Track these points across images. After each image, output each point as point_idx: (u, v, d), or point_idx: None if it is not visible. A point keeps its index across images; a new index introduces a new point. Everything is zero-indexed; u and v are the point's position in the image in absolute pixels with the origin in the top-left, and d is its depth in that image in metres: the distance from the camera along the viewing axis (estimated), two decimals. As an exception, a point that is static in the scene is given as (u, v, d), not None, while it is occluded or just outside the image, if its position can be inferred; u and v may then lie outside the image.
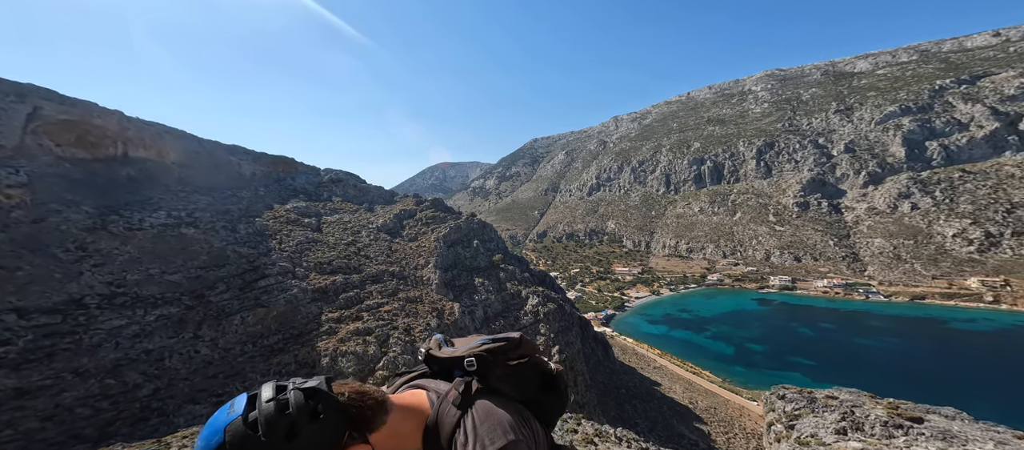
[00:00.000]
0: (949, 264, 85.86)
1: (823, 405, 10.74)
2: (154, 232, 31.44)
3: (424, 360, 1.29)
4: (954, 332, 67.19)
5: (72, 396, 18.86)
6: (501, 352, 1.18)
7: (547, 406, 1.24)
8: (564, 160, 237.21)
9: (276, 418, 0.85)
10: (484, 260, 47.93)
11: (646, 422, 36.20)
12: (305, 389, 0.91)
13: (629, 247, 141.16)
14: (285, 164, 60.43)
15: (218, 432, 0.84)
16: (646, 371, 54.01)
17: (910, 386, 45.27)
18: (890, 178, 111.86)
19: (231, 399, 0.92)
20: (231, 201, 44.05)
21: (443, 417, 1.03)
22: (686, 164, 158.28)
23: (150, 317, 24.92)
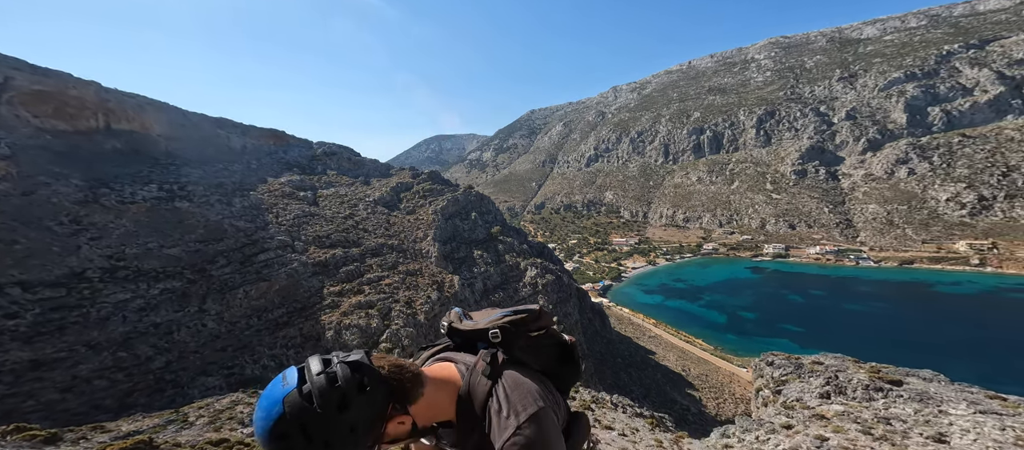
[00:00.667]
0: (940, 228, 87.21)
1: (809, 370, 11.07)
2: (148, 205, 31.10)
3: (446, 333, 1.33)
4: (938, 295, 69.02)
5: (88, 368, 19.20)
6: (523, 324, 1.24)
7: (563, 376, 1.32)
8: (562, 131, 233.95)
9: (328, 390, 0.90)
10: (482, 232, 47.99)
11: (640, 389, 37.54)
12: (350, 363, 0.96)
13: (627, 218, 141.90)
14: (276, 137, 59.45)
15: (277, 403, 0.89)
16: (641, 340, 55.62)
17: (893, 350, 46.50)
18: (889, 144, 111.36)
19: (282, 372, 0.96)
20: (223, 174, 43.59)
21: (475, 387, 1.08)
22: (685, 134, 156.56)
23: (154, 291, 25.05)
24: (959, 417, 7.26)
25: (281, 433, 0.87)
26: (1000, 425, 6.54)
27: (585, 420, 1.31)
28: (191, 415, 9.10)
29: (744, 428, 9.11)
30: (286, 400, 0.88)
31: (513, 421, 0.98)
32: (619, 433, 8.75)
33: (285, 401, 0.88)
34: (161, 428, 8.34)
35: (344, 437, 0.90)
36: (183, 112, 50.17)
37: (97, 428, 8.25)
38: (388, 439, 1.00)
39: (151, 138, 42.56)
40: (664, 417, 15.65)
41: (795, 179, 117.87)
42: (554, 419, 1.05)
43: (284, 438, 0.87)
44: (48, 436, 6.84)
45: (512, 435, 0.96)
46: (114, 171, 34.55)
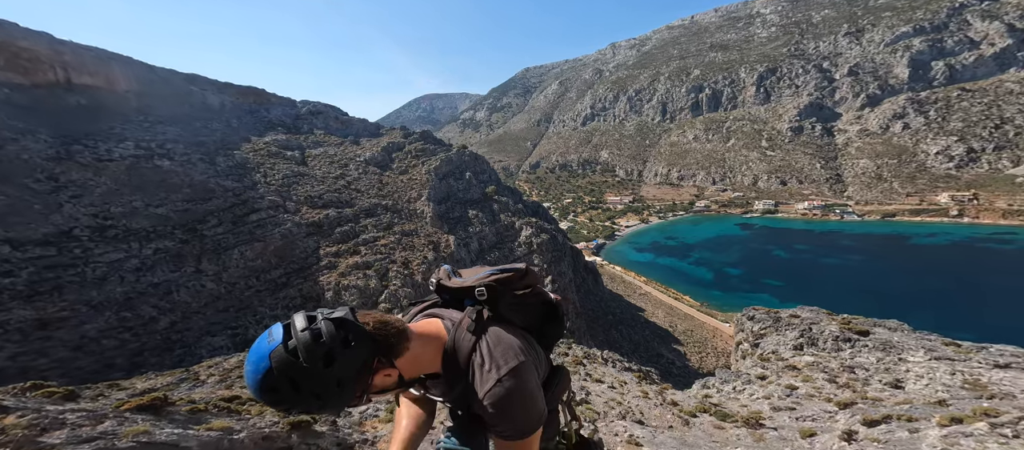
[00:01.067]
0: (926, 181, 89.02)
1: (786, 323, 11.72)
2: (126, 163, 30.20)
3: (435, 290, 1.36)
4: (913, 247, 71.74)
5: (94, 328, 19.65)
6: (509, 282, 1.27)
7: (547, 333, 1.37)
8: (557, 90, 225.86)
9: (313, 346, 0.93)
10: (477, 192, 47.74)
11: (630, 345, 39.52)
12: (334, 319, 0.99)
13: (622, 177, 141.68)
14: (256, 95, 56.76)
15: (264, 358, 0.92)
16: (632, 298, 57.81)
17: (867, 301, 48.86)
18: (888, 100, 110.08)
19: (268, 328, 0.99)
20: (203, 133, 42.12)
21: (460, 342, 1.12)
22: (684, 92, 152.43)
23: (147, 251, 25.04)
24: (916, 364, 7.92)
25: (270, 386, 0.91)
26: (951, 370, 7.18)
27: (566, 373, 1.40)
28: (202, 374, 9.54)
29: (723, 380, 9.89)
30: (272, 355, 0.91)
31: (494, 374, 1.03)
32: (608, 386, 9.47)
33: (272, 356, 0.91)
34: (174, 386, 8.79)
35: (331, 390, 0.95)
36: (150, 67, 47.30)
37: (113, 386, 8.66)
38: (376, 390, 1.05)
39: (119, 94, 40.49)
40: (651, 371, 16.76)
41: (791, 136, 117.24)
42: (534, 372, 1.11)
43: (274, 391, 0.92)
44: (66, 393, 7.14)
45: (493, 386, 1.02)
46: (83, 127, 33.12)
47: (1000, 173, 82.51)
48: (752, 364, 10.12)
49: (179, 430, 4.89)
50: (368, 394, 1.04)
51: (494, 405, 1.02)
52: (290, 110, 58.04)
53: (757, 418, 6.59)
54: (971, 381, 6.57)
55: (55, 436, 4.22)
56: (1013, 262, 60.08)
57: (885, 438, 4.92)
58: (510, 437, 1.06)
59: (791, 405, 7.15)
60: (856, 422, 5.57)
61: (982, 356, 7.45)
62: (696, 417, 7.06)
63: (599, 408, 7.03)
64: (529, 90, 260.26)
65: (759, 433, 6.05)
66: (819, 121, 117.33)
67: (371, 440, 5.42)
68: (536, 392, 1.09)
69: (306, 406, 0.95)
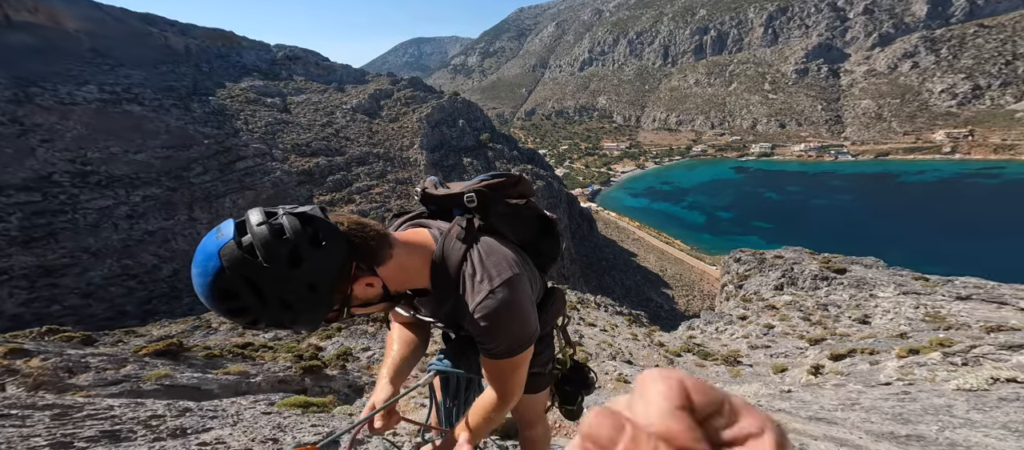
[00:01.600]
0: (925, 120, 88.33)
1: (770, 264, 12.17)
2: (93, 108, 28.70)
3: (421, 200, 1.23)
4: (901, 185, 72.85)
5: (99, 275, 19.99)
6: (500, 188, 1.14)
7: (543, 251, 1.23)
8: (554, 33, 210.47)
9: (273, 242, 0.76)
10: (471, 140, 46.49)
11: (621, 290, 41.08)
12: (298, 213, 0.82)
13: (619, 122, 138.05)
14: (225, 38, 52.41)
15: (212, 257, 0.75)
16: (625, 243, 59.19)
17: (847, 239, 49.31)
18: (901, 38, 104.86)
19: (216, 225, 0.80)
20: (171, 77, 39.66)
21: (449, 252, 1.00)
22: (688, 34, 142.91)
23: (135, 198, 24.79)
24: (884, 299, 8.48)
25: (224, 290, 0.75)
26: (916, 304, 7.72)
27: (561, 295, 1.29)
28: (214, 322, 9.95)
29: (707, 321, 10.54)
30: (222, 252, 0.74)
31: (486, 285, 0.94)
32: (600, 329, 10.08)
33: (221, 253, 0.74)
34: (189, 333, 9.20)
35: (303, 295, 0.80)
36: (99, 5, 42.90)
37: (130, 333, 9.05)
38: (357, 302, 0.92)
39: (70, 34, 37.10)
40: (640, 314, 17.73)
41: (795, 78, 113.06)
42: (528, 287, 1.02)
43: (231, 296, 0.76)
44: (84, 338, 7.44)
45: (485, 298, 0.93)
46: (38, 69, 30.93)
47: (1002, 109, 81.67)
48: (735, 305, 10.75)
49: (199, 374, 5.21)
50: (349, 307, 0.91)
51: (485, 318, 0.93)
52: (264, 55, 54.01)
53: (735, 356, 7.16)
54: (932, 314, 7.10)
55: (81, 378, 4.49)
56: (994, 195, 61.75)
57: (848, 371, 5.43)
58: (499, 355, 0.97)
59: (767, 343, 7.74)
60: (824, 357, 6.09)
61: (946, 289, 7.96)
62: (680, 357, 7.64)
63: (591, 350, 7.56)
64: (524, 33, 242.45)
65: (736, 370, 6.62)
66: (826, 63, 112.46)
67: (380, 378, 5.83)
68: (529, 307, 1.00)
69: (274, 316, 0.80)
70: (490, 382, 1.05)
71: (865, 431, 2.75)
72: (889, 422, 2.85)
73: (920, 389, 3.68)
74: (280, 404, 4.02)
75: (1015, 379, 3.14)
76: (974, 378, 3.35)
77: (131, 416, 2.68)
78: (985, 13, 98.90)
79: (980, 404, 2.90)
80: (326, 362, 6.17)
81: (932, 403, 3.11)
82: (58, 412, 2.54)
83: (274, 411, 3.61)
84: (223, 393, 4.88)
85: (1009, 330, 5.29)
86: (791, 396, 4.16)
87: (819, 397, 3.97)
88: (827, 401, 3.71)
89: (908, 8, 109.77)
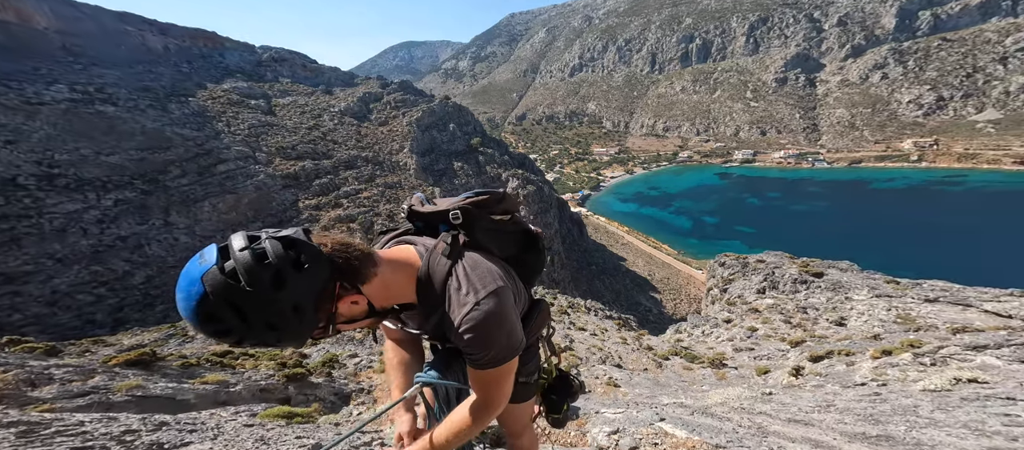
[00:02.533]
0: (894, 129, 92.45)
1: (753, 268, 12.49)
2: (62, 107, 27.63)
3: (407, 217, 1.26)
4: (872, 191, 75.78)
5: (64, 282, 19.06)
6: (485, 205, 1.16)
7: (528, 264, 1.28)
8: (545, 38, 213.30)
9: (256, 268, 0.78)
10: (462, 144, 46.41)
11: (611, 294, 41.46)
12: (281, 237, 0.84)
13: (608, 128, 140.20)
14: (207, 38, 51.29)
15: (195, 282, 0.76)
16: (615, 248, 59.79)
17: (823, 244, 50.72)
18: (871, 50, 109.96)
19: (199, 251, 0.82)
20: (148, 77, 38.60)
21: (434, 268, 1.03)
22: (675, 42, 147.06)
23: (107, 202, 23.81)
24: (859, 302, 8.78)
25: (209, 314, 0.77)
26: (888, 306, 8.02)
27: (545, 307, 1.33)
28: (190, 329, 9.59)
29: (693, 324, 10.71)
30: (205, 278, 0.76)
31: (471, 297, 0.96)
32: (590, 333, 10.14)
33: (204, 279, 0.76)
34: (163, 342, 8.84)
35: (288, 317, 0.82)
36: (71, 2, 41.63)
37: (98, 342, 8.64)
38: (343, 319, 0.94)
39: (40, 32, 35.83)
40: (629, 318, 17.92)
41: (775, 87, 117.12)
42: (512, 298, 1.04)
43: (214, 319, 0.77)
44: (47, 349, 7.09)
45: (470, 310, 0.95)
46: (4, 67, 29.77)
47: (963, 120, 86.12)
48: (720, 309, 10.97)
49: (173, 384, 5.02)
50: (334, 324, 0.93)
51: (470, 330, 0.95)
52: (249, 56, 53.01)
53: (721, 359, 7.29)
54: (903, 316, 7.40)
55: (45, 390, 4.27)
56: (958, 202, 64.91)
57: (826, 371, 5.60)
58: (485, 365, 0.99)
59: (751, 345, 7.92)
60: (804, 358, 6.27)
61: (916, 292, 8.31)
62: (668, 360, 7.74)
63: (582, 354, 7.59)
64: (515, 38, 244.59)
65: (722, 372, 6.74)
66: (803, 72, 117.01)
67: (367, 389, 5.73)
68: (514, 318, 1.03)
69: (259, 337, 0.82)
70: (476, 392, 1.06)
71: (839, 432, 2.84)
72: (861, 423, 2.95)
73: (891, 390, 3.82)
74: (263, 415, 3.91)
75: (976, 379, 3.30)
76: (938, 379, 3.50)
77: (103, 432, 2.58)
78: (948, 27, 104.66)
79: (944, 404, 3.03)
80: (311, 369, 6.03)
81: (900, 404, 3.23)
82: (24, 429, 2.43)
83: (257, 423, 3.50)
84: (201, 404, 4.71)
85: (974, 331, 5.55)
86: (772, 398, 4.26)
87: (798, 399, 4.08)
88: (805, 403, 3.82)
89: (878, 21, 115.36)
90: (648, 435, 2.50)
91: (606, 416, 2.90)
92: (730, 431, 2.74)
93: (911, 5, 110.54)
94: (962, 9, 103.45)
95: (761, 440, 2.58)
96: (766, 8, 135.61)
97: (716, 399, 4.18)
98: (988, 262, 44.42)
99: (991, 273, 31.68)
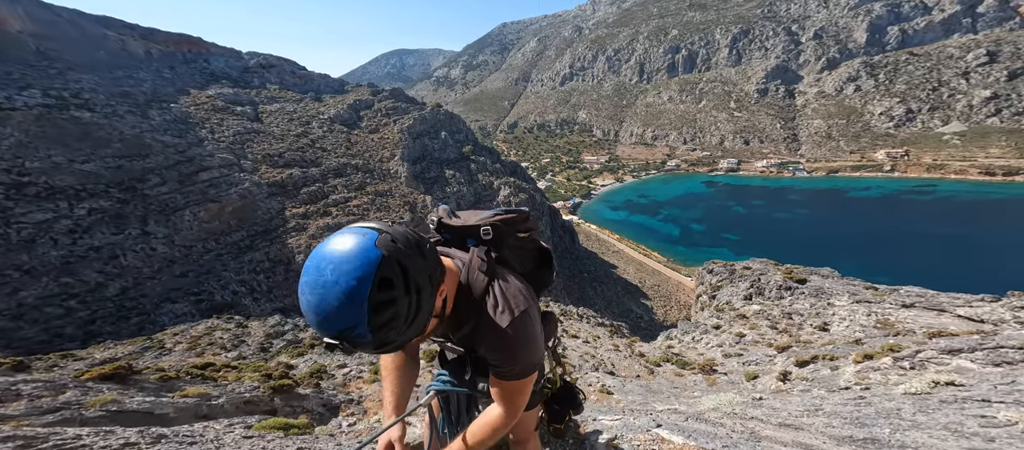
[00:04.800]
0: (868, 139, 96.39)
1: (740, 275, 12.74)
2: (34, 113, 26.64)
3: (436, 228, 1.32)
4: (849, 199, 78.91)
5: (32, 294, 18.16)
6: (513, 224, 1.25)
7: (540, 279, 1.38)
8: (536, 48, 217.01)
9: (413, 235, 0.86)
10: (453, 152, 46.46)
11: (603, 302, 41.67)
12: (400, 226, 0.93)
13: (599, 136, 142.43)
14: (190, 43, 50.58)
15: (370, 249, 0.77)
16: (606, 255, 60.24)
17: (807, 250, 52.90)
18: (845, 63, 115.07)
19: (325, 239, 0.83)
20: (127, 82, 37.69)
21: (473, 281, 1.10)
22: (662, 52, 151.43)
23: (80, 211, 22.89)
24: (840, 308, 9.02)
25: (385, 278, 0.76)
26: (868, 311, 8.25)
27: (553, 318, 1.51)
28: (168, 342, 9.21)
29: (684, 331, 10.82)
30: (379, 243, 0.78)
31: (507, 316, 1.03)
32: (583, 341, 10.14)
33: (378, 244, 0.78)
34: (138, 355, 8.46)
35: (425, 286, 0.84)
36: (49, 6, 40.70)
37: (67, 356, 8.22)
38: (436, 312, 0.95)
39: (12, 35, 34.74)
40: (621, 325, 18.00)
41: (757, 97, 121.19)
42: (538, 316, 1.15)
43: (388, 285, 0.77)
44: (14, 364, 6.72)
45: (506, 327, 1.02)
46: None
47: (931, 131, 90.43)
48: (709, 315, 11.11)
49: (151, 398, 4.80)
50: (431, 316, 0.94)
51: (505, 344, 1.03)
52: (235, 62, 52.31)
53: (711, 365, 7.37)
54: (883, 321, 7.62)
55: (12, 407, 4.04)
56: (928, 211, 68.04)
57: (812, 376, 5.72)
58: (513, 377, 1.07)
59: (739, 351, 8.03)
60: (790, 363, 6.39)
61: (893, 298, 8.58)
62: (660, 366, 7.79)
63: (574, 361, 7.57)
64: (507, 47, 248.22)
65: (713, 378, 6.81)
66: (783, 83, 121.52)
67: (356, 399, 5.60)
68: (540, 336, 1.13)
69: (409, 309, 0.81)
70: (499, 402, 1.12)
71: (828, 436, 2.90)
72: (848, 426, 3.02)
73: (874, 394, 3.93)
74: (258, 427, 3.78)
75: (953, 382, 3.42)
76: (918, 382, 3.62)
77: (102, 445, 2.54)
78: (914, 42, 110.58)
79: (924, 407, 3.13)
80: (298, 380, 5.85)
81: (884, 407, 3.32)
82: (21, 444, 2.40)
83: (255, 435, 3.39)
84: (181, 418, 4.51)
85: (949, 335, 5.75)
86: (762, 403, 4.32)
87: (787, 404, 4.15)
88: (794, 407, 3.89)
89: (850, 35, 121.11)
90: (646, 441, 2.51)
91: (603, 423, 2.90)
92: (724, 436, 2.77)
93: (880, 21, 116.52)
94: (927, 25, 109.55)
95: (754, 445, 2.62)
96: (747, 21, 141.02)
97: (709, 405, 4.23)
98: (959, 269, 46.41)
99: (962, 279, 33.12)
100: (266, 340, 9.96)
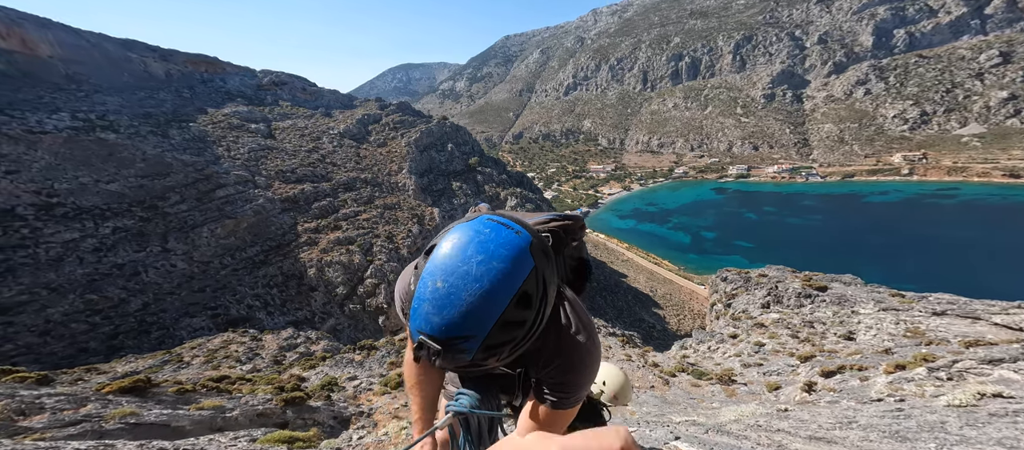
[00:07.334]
0: (883, 143, 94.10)
1: (756, 283, 12.40)
2: (64, 136, 27.84)
3: None
4: (867, 204, 76.35)
5: (58, 311, 18.68)
6: (571, 230, 1.15)
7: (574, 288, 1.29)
8: (539, 59, 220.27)
9: (548, 247, 0.81)
10: (460, 164, 46.91)
11: (614, 311, 40.96)
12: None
13: (604, 145, 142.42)
14: (208, 64, 52.62)
15: (523, 251, 0.70)
16: (615, 264, 59.51)
17: (825, 257, 51.56)
18: (853, 67, 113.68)
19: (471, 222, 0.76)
20: (149, 103, 39.21)
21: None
22: (664, 60, 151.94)
23: (105, 230, 23.62)
24: (866, 316, 8.67)
25: (525, 295, 0.67)
26: (895, 320, 7.92)
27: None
28: (185, 355, 9.34)
29: (699, 340, 10.53)
30: (534, 248, 0.70)
31: (581, 337, 0.98)
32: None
33: (533, 250, 0.69)
34: (157, 368, 8.59)
35: (548, 312, 0.78)
36: (76, 31, 42.74)
37: (91, 370, 8.38)
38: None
39: (44, 61, 36.64)
40: (633, 335, 17.63)
41: (763, 103, 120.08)
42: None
43: (526, 305, 0.69)
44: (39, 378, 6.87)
45: (579, 348, 0.97)
46: (7, 96, 30.16)
47: (948, 134, 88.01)
48: (725, 324, 10.80)
49: (168, 411, 4.84)
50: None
51: (579, 368, 0.96)
52: (249, 80, 54.24)
53: (729, 375, 7.13)
54: (912, 329, 7.29)
55: (35, 420, 4.10)
56: (953, 215, 65.29)
57: (840, 387, 5.47)
58: (571, 404, 0.99)
59: (759, 361, 7.76)
60: (815, 374, 6.13)
61: (922, 305, 8.22)
62: (675, 377, 7.56)
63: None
64: (510, 59, 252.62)
65: (731, 389, 6.57)
66: (790, 88, 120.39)
67: (367, 412, 5.55)
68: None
69: (522, 339, 0.71)
70: (545, 426, 1.02)
71: (865, 450, 2.73)
72: (887, 440, 2.85)
73: (912, 406, 3.72)
74: (262, 440, 3.76)
75: (1001, 394, 3.22)
76: (963, 394, 3.42)
77: None
78: (922, 45, 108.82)
79: (972, 420, 2.94)
80: (309, 393, 5.84)
81: (926, 420, 3.14)
82: None
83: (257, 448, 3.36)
84: (196, 430, 4.53)
85: (987, 345, 5.47)
86: (789, 415, 4.13)
87: (816, 416, 3.96)
88: (824, 419, 3.71)
89: (856, 39, 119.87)
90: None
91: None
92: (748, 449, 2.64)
93: (885, 23, 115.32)
94: (934, 27, 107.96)
95: (785, 460, 2.48)
96: (750, 27, 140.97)
97: (730, 416, 4.05)
98: (990, 275, 44.40)
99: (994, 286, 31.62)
100: (279, 353, 10.02)
